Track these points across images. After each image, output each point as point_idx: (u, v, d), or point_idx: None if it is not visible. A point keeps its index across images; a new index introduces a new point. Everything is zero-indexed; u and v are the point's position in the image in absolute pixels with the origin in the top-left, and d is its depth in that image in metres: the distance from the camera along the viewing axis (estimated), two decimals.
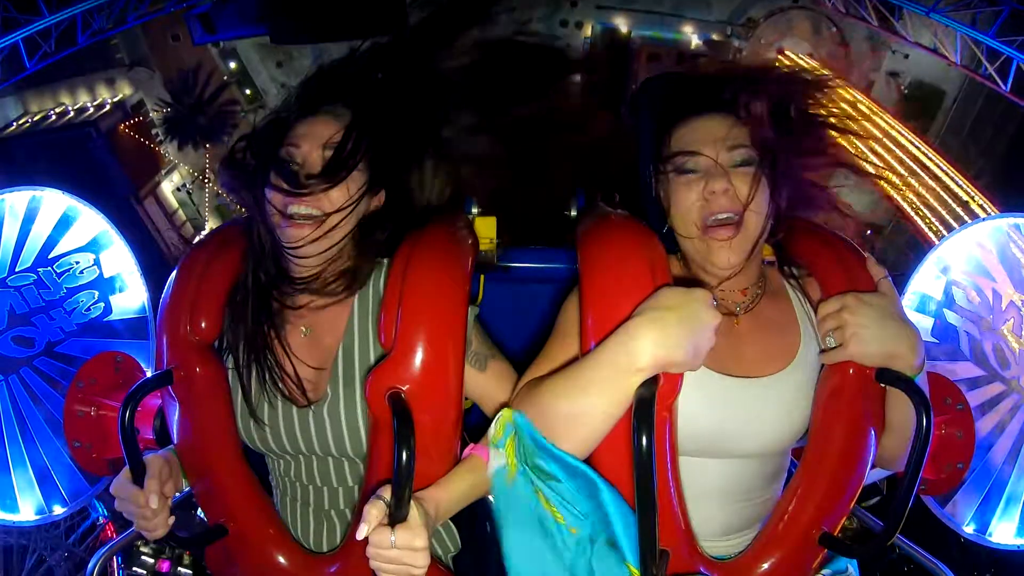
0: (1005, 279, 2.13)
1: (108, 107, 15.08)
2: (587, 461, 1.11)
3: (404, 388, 1.14)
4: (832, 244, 1.30)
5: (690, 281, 1.26)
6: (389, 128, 1.30)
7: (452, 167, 1.41)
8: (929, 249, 2.21)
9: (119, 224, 2.22)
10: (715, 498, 1.25)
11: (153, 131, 15.95)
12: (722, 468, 1.24)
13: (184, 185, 16.38)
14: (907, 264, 2.20)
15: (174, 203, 16.47)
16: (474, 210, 1.71)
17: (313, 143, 1.26)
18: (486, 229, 1.49)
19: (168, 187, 16.33)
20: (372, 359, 1.29)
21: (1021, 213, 2.16)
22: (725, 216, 1.20)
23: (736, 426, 1.20)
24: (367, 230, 1.33)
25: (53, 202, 2.20)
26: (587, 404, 1.06)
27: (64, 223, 2.18)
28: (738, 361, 1.23)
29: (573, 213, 1.78)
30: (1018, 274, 2.12)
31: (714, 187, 1.20)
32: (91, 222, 2.18)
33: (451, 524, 1.41)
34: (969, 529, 2.15)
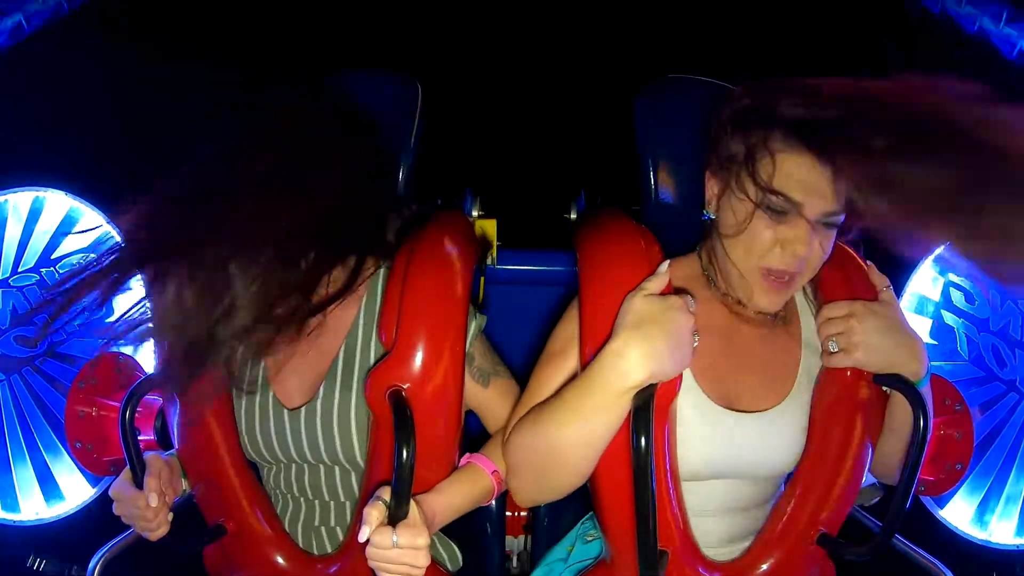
0: None
1: None
2: None
3: (405, 387, 1.14)
4: (833, 250, 1.30)
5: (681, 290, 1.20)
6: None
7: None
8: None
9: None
10: (713, 514, 1.25)
11: None
12: (724, 488, 1.24)
13: None
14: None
15: None
16: (474, 212, 1.71)
17: None
18: (487, 231, 1.50)
19: None
20: (372, 361, 1.28)
21: None
22: (786, 269, 1.16)
23: (747, 457, 1.20)
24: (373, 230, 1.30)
25: (56, 203, 2.20)
26: (589, 429, 1.06)
27: (67, 224, 2.19)
28: (742, 392, 1.22)
29: (573, 215, 1.79)
30: None
31: (796, 250, 1.13)
32: (94, 223, 2.19)
33: (451, 543, 1.41)
34: (968, 529, 2.15)
